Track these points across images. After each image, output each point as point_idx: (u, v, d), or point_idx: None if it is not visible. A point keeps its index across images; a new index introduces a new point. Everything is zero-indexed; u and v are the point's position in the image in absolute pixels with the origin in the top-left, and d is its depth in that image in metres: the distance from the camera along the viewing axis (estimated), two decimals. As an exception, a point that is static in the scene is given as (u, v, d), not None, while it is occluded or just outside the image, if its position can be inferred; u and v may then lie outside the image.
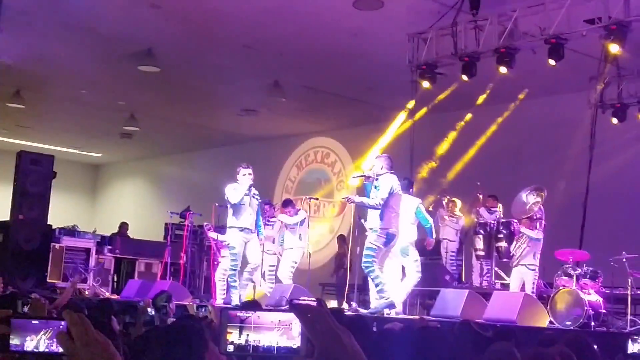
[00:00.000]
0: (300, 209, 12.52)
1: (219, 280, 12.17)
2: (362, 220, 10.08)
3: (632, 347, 7.16)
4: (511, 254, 11.20)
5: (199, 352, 2.99)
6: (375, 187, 9.60)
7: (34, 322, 1.77)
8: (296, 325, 1.62)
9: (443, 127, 14.52)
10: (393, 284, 9.96)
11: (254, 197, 10.84)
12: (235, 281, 10.84)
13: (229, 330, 1.68)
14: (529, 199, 11.43)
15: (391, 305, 9.47)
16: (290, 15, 11.71)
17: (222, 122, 18.54)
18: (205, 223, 13.35)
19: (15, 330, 1.76)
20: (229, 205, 10.90)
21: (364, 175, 10.02)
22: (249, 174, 10.79)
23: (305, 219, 12.35)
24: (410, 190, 10.45)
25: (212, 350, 3.51)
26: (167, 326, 4.16)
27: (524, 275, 10.91)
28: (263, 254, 11.41)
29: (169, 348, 3.05)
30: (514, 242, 11.28)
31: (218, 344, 1.70)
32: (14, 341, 1.75)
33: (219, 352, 1.70)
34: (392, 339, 3.69)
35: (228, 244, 11.24)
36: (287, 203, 12.58)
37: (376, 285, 9.66)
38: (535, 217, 11.27)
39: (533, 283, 10.83)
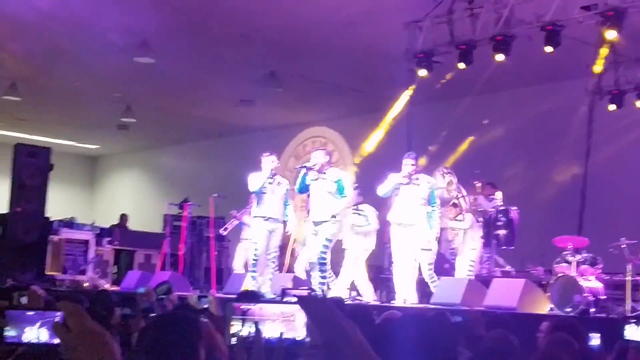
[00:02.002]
0: None
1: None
2: None
3: (631, 332, 7.16)
4: (452, 248, 11.17)
5: (191, 341, 2.99)
6: (338, 182, 10.16)
7: (29, 313, 1.75)
8: (300, 317, 1.61)
9: (440, 115, 14.51)
10: (408, 280, 10.03)
11: (279, 184, 10.65)
12: (254, 271, 10.66)
13: (232, 322, 1.67)
14: (439, 183, 11.28)
15: None
16: (286, 5, 11.68)
17: (219, 112, 18.50)
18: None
19: (10, 321, 1.74)
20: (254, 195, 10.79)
21: (306, 167, 10.37)
22: (272, 161, 10.57)
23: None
24: None
25: (213, 341, 3.51)
26: (160, 316, 4.17)
27: (467, 258, 10.91)
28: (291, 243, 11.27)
29: (162, 337, 3.05)
30: (449, 236, 11.19)
31: (222, 334, 1.70)
32: (10, 332, 1.73)
33: (224, 344, 1.70)
34: (393, 328, 3.69)
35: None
36: None
37: (324, 278, 10.08)
38: (457, 199, 11.12)
39: (472, 261, 10.80)
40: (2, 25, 12.60)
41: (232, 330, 1.69)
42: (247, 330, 1.67)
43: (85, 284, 13.91)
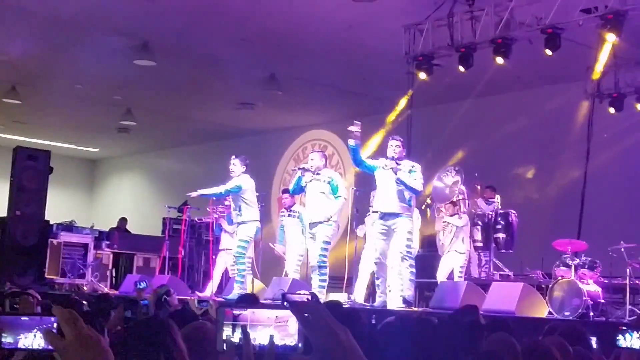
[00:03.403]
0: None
1: None
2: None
3: (623, 341, 7.15)
4: (440, 243, 11.16)
5: (157, 350, 2.96)
6: (330, 182, 10.23)
7: (23, 318, 1.74)
8: (293, 322, 1.59)
9: (440, 118, 14.51)
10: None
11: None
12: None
13: (224, 327, 1.65)
14: (446, 180, 11.30)
15: None
16: (286, 8, 11.67)
17: (219, 115, 18.50)
18: None
19: (5, 327, 1.73)
20: None
21: (303, 168, 10.47)
22: (233, 164, 11.14)
23: None
24: None
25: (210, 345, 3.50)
26: (134, 323, 4.16)
27: (453, 261, 10.88)
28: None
29: (129, 345, 3.04)
30: (440, 232, 11.17)
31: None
32: (7, 339, 1.72)
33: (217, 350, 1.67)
34: (389, 332, 3.67)
35: None
36: (285, 191, 12.27)
37: (323, 281, 10.12)
38: (457, 199, 11.15)
39: (462, 267, 10.85)
40: (2, 27, 12.59)
41: (223, 335, 1.67)
42: (237, 335, 1.65)
43: (84, 288, 13.90)
